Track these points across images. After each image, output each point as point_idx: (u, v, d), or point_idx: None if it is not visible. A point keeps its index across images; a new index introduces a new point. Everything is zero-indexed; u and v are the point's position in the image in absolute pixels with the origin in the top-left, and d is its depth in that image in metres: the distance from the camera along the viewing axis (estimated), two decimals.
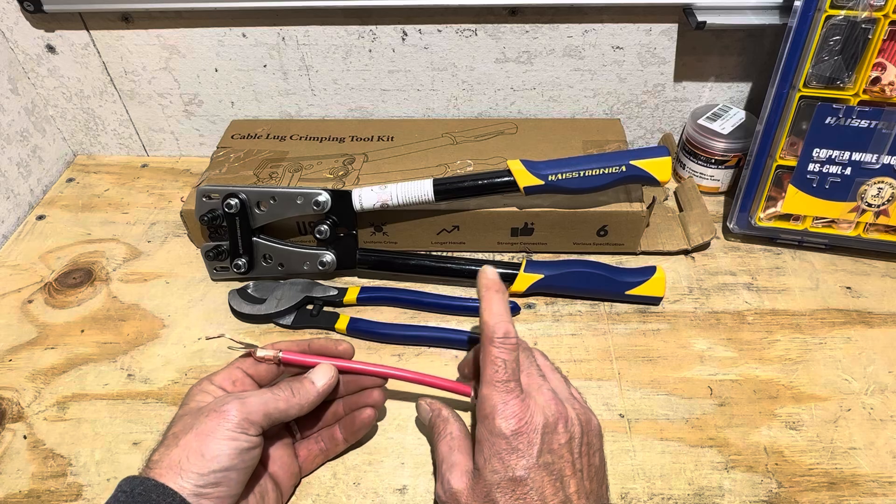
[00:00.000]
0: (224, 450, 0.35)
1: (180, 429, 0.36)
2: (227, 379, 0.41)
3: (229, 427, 0.35)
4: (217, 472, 0.34)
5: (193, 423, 0.36)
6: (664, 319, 0.55)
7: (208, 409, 0.36)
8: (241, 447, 0.35)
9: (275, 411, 0.38)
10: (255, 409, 0.37)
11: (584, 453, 0.37)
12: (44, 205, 0.69)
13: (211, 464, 0.34)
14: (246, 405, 0.37)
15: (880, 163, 0.53)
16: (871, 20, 0.49)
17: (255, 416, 0.37)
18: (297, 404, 0.39)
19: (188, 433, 0.35)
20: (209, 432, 0.35)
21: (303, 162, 0.61)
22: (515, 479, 0.35)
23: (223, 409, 0.36)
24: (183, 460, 0.34)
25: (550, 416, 0.37)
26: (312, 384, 0.41)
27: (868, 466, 0.45)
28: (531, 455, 0.35)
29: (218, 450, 0.35)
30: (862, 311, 0.55)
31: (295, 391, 0.39)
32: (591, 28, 0.63)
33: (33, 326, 0.56)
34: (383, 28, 0.64)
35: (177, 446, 0.35)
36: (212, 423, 0.35)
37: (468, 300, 0.56)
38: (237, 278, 0.58)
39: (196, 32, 0.64)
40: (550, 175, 0.53)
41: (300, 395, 0.40)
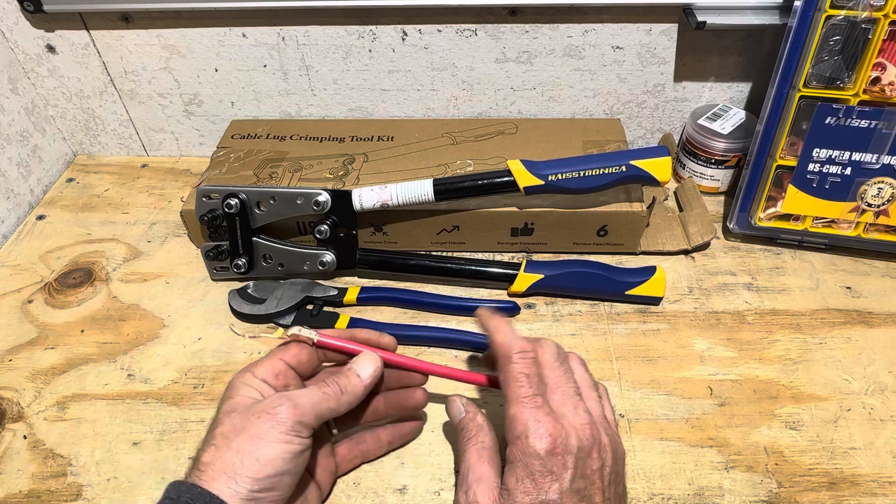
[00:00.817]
0: (279, 453, 0.34)
1: (230, 429, 0.35)
2: (270, 372, 0.39)
3: (283, 430, 0.34)
4: (272, 477, 0.34)
5: (245, 425, 0.35)
6: (664, 319, 0.55)
7: (259, 410, 0.35)
8: (294, 450, 0.35)
9: (326, 411, 0.37)
10: (308, 411, 0.36)
11: (613, 482, 0.36)
12: (44, 205, 0.69)
13: (266, 468, 0.33)
14: (299, 407, 0.35)
15: (880, 163, 0.53)
16: (871, 20, 0.49)
17: (308, 418, 0.36)
18: (347, 401, 0.38)
19: (240, 435, 0.34)
20: (262, 435, 0.34)
21: (303, 162, 0.61)
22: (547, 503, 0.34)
23: (276, 411, 0.35)
24: (237, 464, 0.33)
25: (585, 439, 0.35)
26: (358, 377, 0.39)
27: (868, 466, 0.45)
28: (564, 479, 0.34)
29: (273, 454, 0.34)
30: (862, 311, 0.55)
31: (343, 387, 0.38)
32: (591, 28, 0.63)
33: (33, 326, 0.56)
34: (383, 28, 0.64)
35: (229, 448, 0.34)
36: (265, 426, 0.34)
37: (468, 300, 0.56)
38: (237, 278, 0.58)
39: (196, 32, 0.64)
40: (550, 175, 0.53)
41: (348, 391, 0.38)
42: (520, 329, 0.54)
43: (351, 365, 0.40)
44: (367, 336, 0.42)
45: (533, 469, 0.34)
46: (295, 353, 0.40)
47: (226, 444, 0.34)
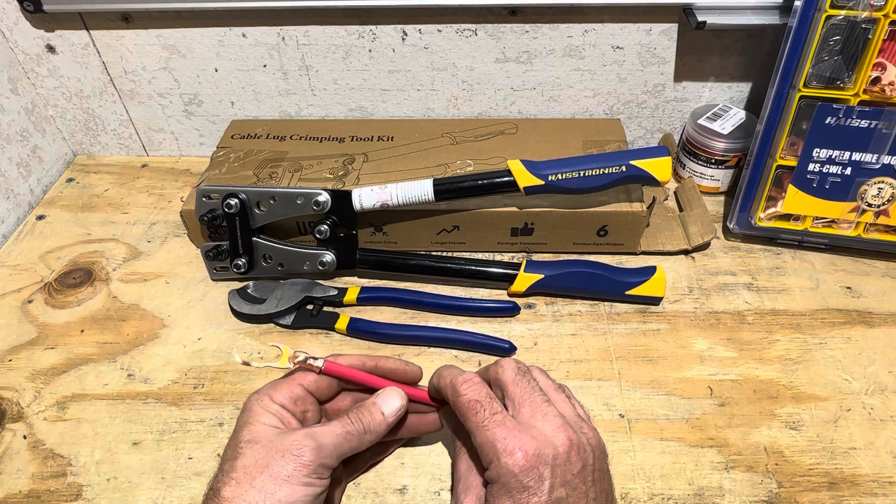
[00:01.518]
0: (300, 496, 0.34)
1: (251, 463, 0.34)
2: (289, 398, 0.38)
3: (306, 473, 0.34)
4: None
5: (268, 462, 0.34)
6: (664, 319, 0.55)
7: (283, 449, 0.35)
8: (315, 493, 0.35)
9: (348, 450, 0.37)
10: (331, 453, 0.36)
11: (598, 479, 0.35)
12: (44, 205, 0.69)
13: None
14: (323, 449, 0.35)
15: (880, 163, 0.53)
16: (871, 20, 0.49)
17: (330, 460, 0.36)
18: (368, 441, 0.38)
19: (263, 473, 0.34)
20: (286, 477, 0.34)
21: (303, 162, 0.61)
22: None
23: (301, 453, 0.35)
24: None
25: (560, 445, 0.34)
26: (382, 415, 0.39)
27: (868, 466, 0.45)
28: (542, 491, 0.33)
29: (294, 497, 0.33)
30: (862, 311, 0.55)
31: (367, 425, 0.38)
32: (591, 28, 0.63)
33: (33, 326, 0.56)
34: (383, 28, 0.64)
35: (252, 486, 0.33)
36: (289, 467, 0.34)
37: (468, 300, 0.56)
38: (237, 278, 0.58)
39: (196, 32, 0.64)
40: (550, 175, 0.53)
41: (371, 429, 0.38)
42: (520, 329, 0.54)
43: (375, 399, 0.39)
44: (394, 367, 0.41)
45: (510, 487, 0.33)
46: (314, 378, 0.40)
47: (248, 481, 0.34)
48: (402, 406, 0.40)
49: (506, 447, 0.34)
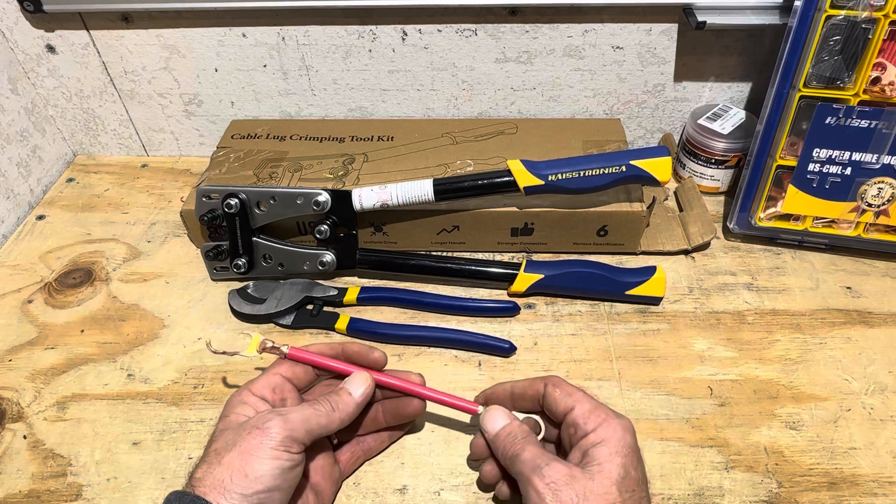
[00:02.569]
0: (268, 469, 0.34)
1: (222, 445, 0.35)
2: (266, 387, 0.40)
3: (272, 445, 0.35)
4: (261, 493, 0.34)
5: (236, 440, 0.35)
6: (664, 319, 0.55)
7: (250, 426, 0.36)
8: (284, 466, 0.35)
9: (317, 427, 0.37)
10: (298, 426, 0.36)
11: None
12: (44, 205, 0.69)
13: (255, 484, 0.34)
14: (288, 422, 0.36)
15: (880, 163, 0.53)
16: (871, 20, 0.49)
17: (298, 434, 0.36)
18: (339, 418, 0.39)
19: (231, 451, 0.35)
20: (252, 450, 0.35)
21: (303, 162, 0.61)
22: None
23: (266, 427, 0.35)
24: (227, 480, 0.34)
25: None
26: (350, 395, 0.40)
27: (868, 466, 0.45)
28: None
29: (262, 469, 0.34)
30: (862, 311, 0.55)
31: (334, 404, 0.39)
32: (591, 28, 0.63)
33: (33, 326, 0.56)
34: (383, 28, 0.64)
35: (220, 464, 0.34)
36: (255, 441, 0.35)
37: (468, 300, 0.56)
38: (237, 278, 0.58)
39: (196, 32, 0.64)
40: (550, 175, 0.53)
41: (340, 409, 0.39)
42: (520, 329, 0.54)
43: (344, 384, 0.41)
44: (358, 350, 0.43)
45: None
46: (290, 367, 0.42)
47: (217, 461, 0.35)
48: (368, 386, 0.41)
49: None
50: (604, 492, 0.34)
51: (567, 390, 0.39)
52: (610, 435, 0.36)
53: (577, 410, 0.38)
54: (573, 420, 0.38)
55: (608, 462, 0.35)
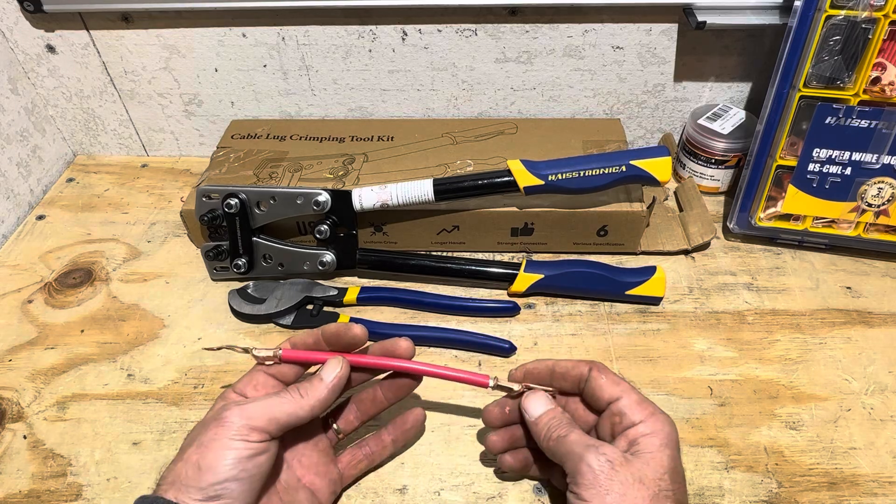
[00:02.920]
0: (221, 460, 0.33)
1: (187, 442, 0.35)
2: (249, 384, 0.39)
3: (228, 435, 0.34)
4: (216, 485, 0.33)
5: (195, 435, 0.35)
6: (664, 319, 0.55)
7: (209, 419, 0.35)
8: (240, 455, 0.34)
9: (282, 414, 0.36)
10: (258, 414, 0.35)
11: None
12: (44, 205, 0.69)
13: (208, 475, 0.33)
14: (246, 410, 0.35)
15: (880, 163, 0.53)
16: (871, 20, 0.49)
17: (258, 421, 0.35)
18: (308, 405, 0.37)
19: (191, 446, 0.34)
20: (208, 442, 0.34)
21: (303, 162, 0.61)
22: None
23: (222, 417, 0.35)
24: (183, 475, 0.33)
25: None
26: (321, 380, 0.39)
27: (868, 466, 0.45)
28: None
29: (214, 460, 0.33)
30: (862, 311, 0.55)
31: (303, 391, 0.38)
32: (591, 28, 0.63)
33: (33, 326, 0.56)
34: (383, 28, 0.64)
35: (181, 460, 0.34)
36: (211, 433, 0.34)
37: (468, 300, 0.56)
38: (237, 278, 0.58)
39: (196, 32, 0.64)
40: (550, 175, 0.53)
41: (309, 395, 0.38)
42: (520, 329, 0.54)
43: (318, 370, 0.40)
44: (334, 330, 0.41)
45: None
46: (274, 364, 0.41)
47: (180, 457, 0.34)
48: (341, 370, 0.39)
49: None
50: (657, 477, 0.34)
51: (613, 379, 0.39)
52: (659, 428, 0.36)
53: (624, 400, 0.38)
54: (619, 409, 0.38)
55: (660, 452, 0.35)
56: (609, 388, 0.39)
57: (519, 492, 0.44)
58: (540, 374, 0.43)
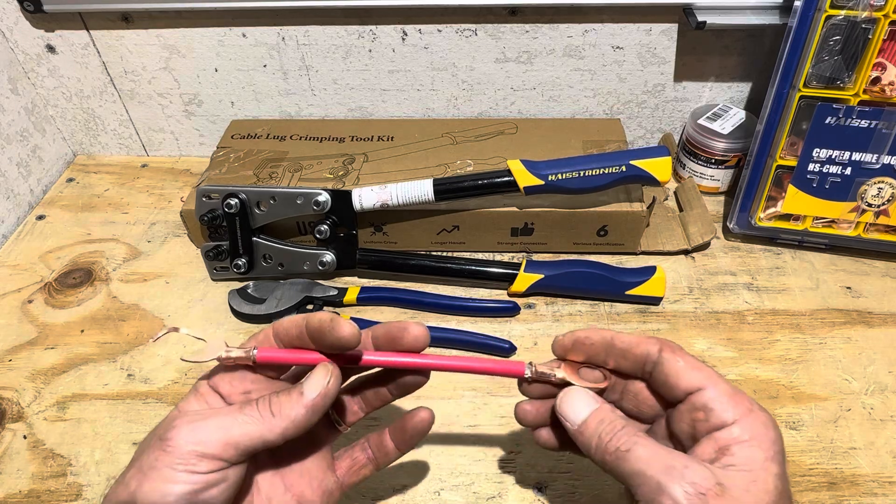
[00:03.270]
0: (158, 495, 0.26)
1: (135, 457, 0.29)
2: (223, 378, 0.32)
3: (170, 463, 0.27)
4: None
5: (137, 455, 0.28)
6: (664, 319, 0.55)
7: (152, 435, 0.28)
8: (184, 491, 0.27)
9: (244, 438, 0.28)
10: (211, 438, 0.28)
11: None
12: (44, 205, 0.69)
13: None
14: (196, 432, 0.28)
15: (880, 163, 0.53)
16: (871, 20, 0.49)
17: (210, 447, 0.28)
18: (280, 427, 0.29)
19: (132, 467, 0.28)
20: (146, 469, 0.27)
21: (303, 162, 0.61)
22: None
23: (167, 437, 0.28)
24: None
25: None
26: (300, 395, 0.30)
27: (868, 466, 0.45)
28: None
29: (153, 494, 0.26)
30: (862, 311, 0.55)
31: (275, 407, 0.29)
32: (591, 28, 0.63)
33: (33, 326, 0.56)
34: (383, 28, 0.64)
35: (120, 483, 0.28)
36: (152, 457, 0.27)
37: (468, 300, 0.56)
38: (237, 278, 0.58)
39: (196, 32, 0.64)
40: (550, 175, 0.53)
41: (281, 413, 0.29)
42: (520, 329, 0.54)
43: (299, 382, 0.31)
44: (318, 324, 0.31)
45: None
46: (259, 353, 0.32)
47: (121, 478, 0.28)
48: (328, 385, 0.30)
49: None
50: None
51: (693, 363, 0.30)
52: (761, 433, 0.28)
53: (710, 392, 0.29)
54: (704, 403, 0.29)
55: (763, 471, 0.27)
56: (688, 375, 0.30)
57: (519, 492, 0.44)
58: (593, 348, 0.34)
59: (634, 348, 0.32)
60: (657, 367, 0.31)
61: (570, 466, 0.45)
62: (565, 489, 0.44)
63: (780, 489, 0.27)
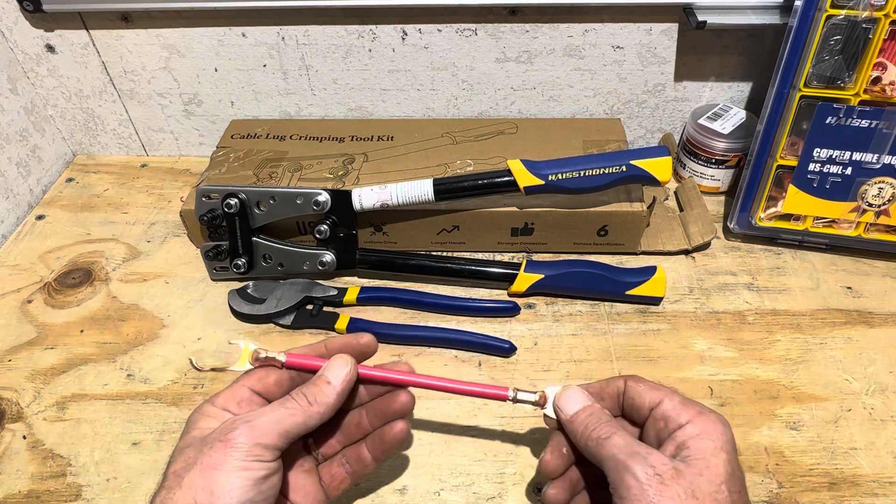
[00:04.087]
0: (237, 483, 0.30)
1: (182, 466, 0.31)
2: (232, 399, 0.35)
3: (239, 456, 0.31)
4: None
5: (197, 458, 0.31)
6: (664, 319, 0.55)
7: (212, 439, 0.32)
8: (256, 477, 0.31)
9: (293, 427, 0.33)
10: (268, 430, 0.32)
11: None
12: (43, 205, 0.69)
13: (223, 499, 0.30)
14: (255, 428, 0.32)
15: (881, 163, 0.53)
16: (871, 20, 0.49)
17: (269, 438, 0.32)
18: (317, 413, 0.34)
19: (192, 470, 0.31)
20: (216, 465, 0.31)
21: (303, 162, 0.61)
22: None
23: (230, 437, 0.31)
24: (190, 503, 0.30)
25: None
26: (328, 383, 0.35)
27: (868, 466, 0.45)
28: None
29: (230, 484, 0.30)
30: (862, 311, 0.55)
31: (311, 397, 0.34)
32: (592, 28, 0.63)
33: (33, 326, 0.56)
34: (383, 28, 0.64)
35: (180, 487, 0.30)
36: (218, 455, 0.31)
37: (468, 300, 0.56)
38: (237, 278, 0.58)
39: (196, 32, 0.64)
40: (550, 175, 0.53)
41: (318, 401, 0.34)
42: (520, 329, 0.54)
43: (322, 372, 0.36)
44: (342, 343, 0.38)
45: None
46: (260, 377, 0.37)
47: (177, 483, 0.31)
48: (349, 371, 0.36)
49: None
50: (713, 490, 0.30)
51: (651, 385, 0.36)
52: (711, 428, 0.33)
53: (666, 403, 0.34)
54: (663, 413, 0.34)
55: (714, 458, 0.31)
56: (648, 394, 0.35)
57: (519, 492, 0.44)
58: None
59: (606, 388, 0.38)
60: (626, 396, 0.37)
61: None
62: None
63: (730, 472, 0.31)
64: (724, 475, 0.31)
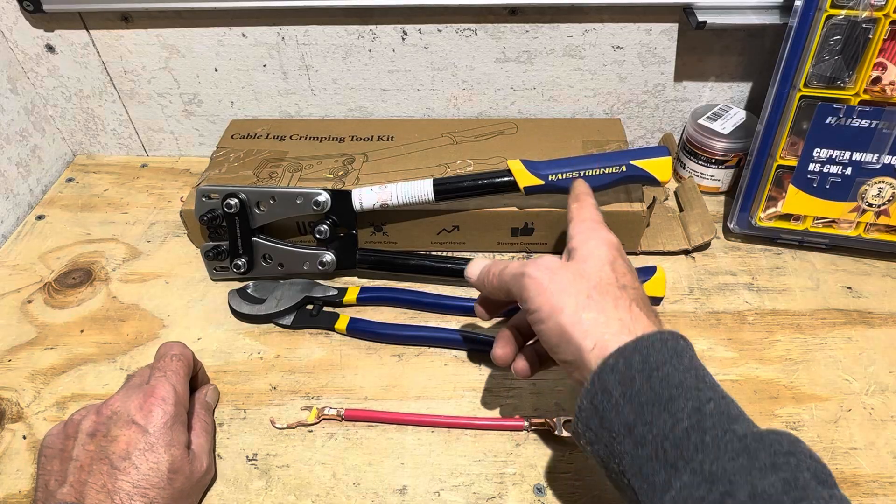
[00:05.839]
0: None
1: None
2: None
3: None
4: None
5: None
6: (664, 319, 0.55)
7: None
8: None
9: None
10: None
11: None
12: (43, 205, 0.69)
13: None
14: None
15: (881, 163, 0.53)
16: (871, 20, 0.49)
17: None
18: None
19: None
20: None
21: (303, 162, 0.61)
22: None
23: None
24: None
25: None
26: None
27: (869, 467, 0.45)
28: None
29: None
30: (862, 311, 0.55)
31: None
32: (592, 28, 0.63)
33: (33, 326, 0.56)
34: (383, 28, 0.64)
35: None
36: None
37: (468, 300, 0.56)
38: (237, 278, 0.58)
39: (196, 32, 0.64)
40: (550, 175, 0.53)
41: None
42: None
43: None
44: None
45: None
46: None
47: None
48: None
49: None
50: (598, 269, 0.36)
51: (577, 214, 0.43)
52: (594, 235, 0.39)
53: (569, 228, 0.41)
54: (567, 237, 0.40)
55: (597, 250, 0.37)
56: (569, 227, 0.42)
57: (519, 492, 0.44)
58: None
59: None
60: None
61: (571, 467, 0.45)
62: (565, 490, 0.44)
63: (612, 258, 0.37)
64: (607, 259, 0.37)
